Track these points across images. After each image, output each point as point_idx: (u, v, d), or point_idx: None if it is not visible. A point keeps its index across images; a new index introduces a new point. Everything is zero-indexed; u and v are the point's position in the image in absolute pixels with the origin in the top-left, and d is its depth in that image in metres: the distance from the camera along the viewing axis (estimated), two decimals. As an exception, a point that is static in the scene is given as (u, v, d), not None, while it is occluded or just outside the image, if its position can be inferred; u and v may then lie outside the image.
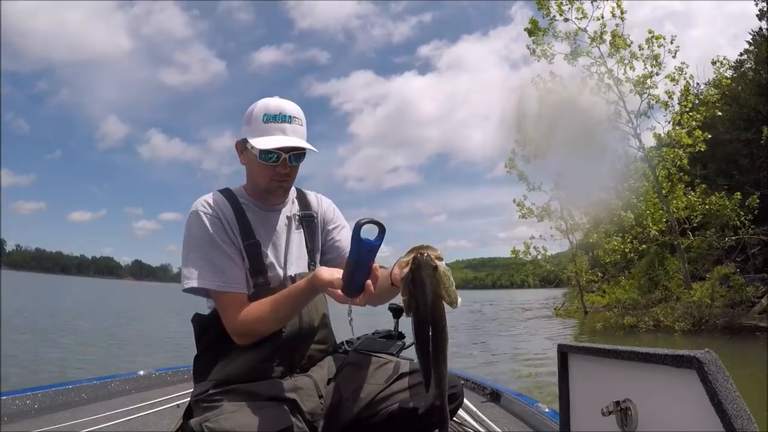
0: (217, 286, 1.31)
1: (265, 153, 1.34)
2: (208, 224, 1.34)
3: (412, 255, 1.08)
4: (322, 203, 1.62)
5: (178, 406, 2.40)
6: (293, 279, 1.42)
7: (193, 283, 1.31)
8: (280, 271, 1.43)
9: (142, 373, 2.93)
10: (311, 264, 1.52)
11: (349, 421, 1.36)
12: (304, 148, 1.38)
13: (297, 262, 1.48)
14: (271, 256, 1.42)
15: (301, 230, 1.53)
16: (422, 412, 1.14)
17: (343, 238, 1.58)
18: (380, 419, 1.34)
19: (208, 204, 1.38)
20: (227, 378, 1.33)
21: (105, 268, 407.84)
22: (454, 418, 2.20)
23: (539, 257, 22.07)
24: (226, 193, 1.44)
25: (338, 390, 1.42)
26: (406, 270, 1.08)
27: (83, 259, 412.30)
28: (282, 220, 1.49)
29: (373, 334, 2.14)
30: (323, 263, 1.56)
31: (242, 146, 1.42)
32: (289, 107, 1.38)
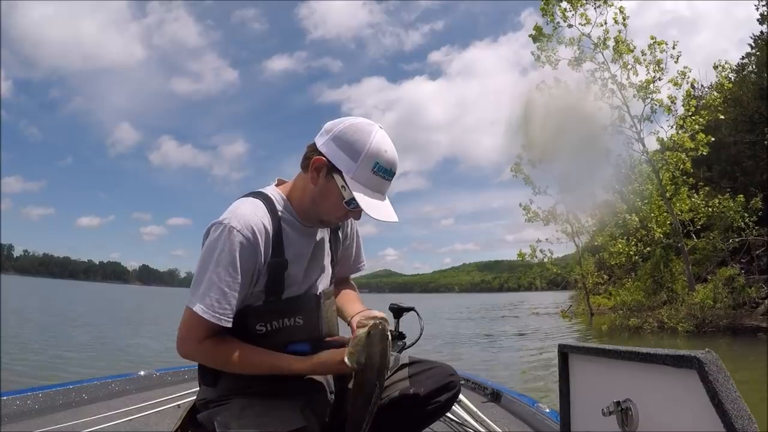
0: (202, 311, 1.20)
1: (353, 201, 1.24)
2: (237, 249, 1.22)
3: (371, 323, 1.23)
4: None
5: (179, 406, 2.39)
6: (318, 297, 1.39)
7: (195, 308, 1.22)
8: (303, 288, 1.36)
9: (143, 373, 2.92)
10: (332, 278, 1.50)
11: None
12: None
13: (324, 279, 1.43)
14: (298, 275, 1.34)
15: (330, 244, 1.48)
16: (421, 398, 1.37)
17: (346, 254, 1.58)
18: (382, 406, 1.34)
19: (249, 226, 1.24)
20: (238, 384, 1.30)
21: (112, 273, 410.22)
22: (455, 418, 2.19)
23: (545, 260, 22.05)
24: (267, 204, 1.31)
25: (345, 381, 1.42)
26: (362, 331, 1.22)
27: (91, 264, 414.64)
28: (317, 237, 1.42)
29: None
30: None
31: (328, 171, 1.27)
32: (397, 160, 1.29)
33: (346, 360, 1.19)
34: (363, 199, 1.23)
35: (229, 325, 1.23)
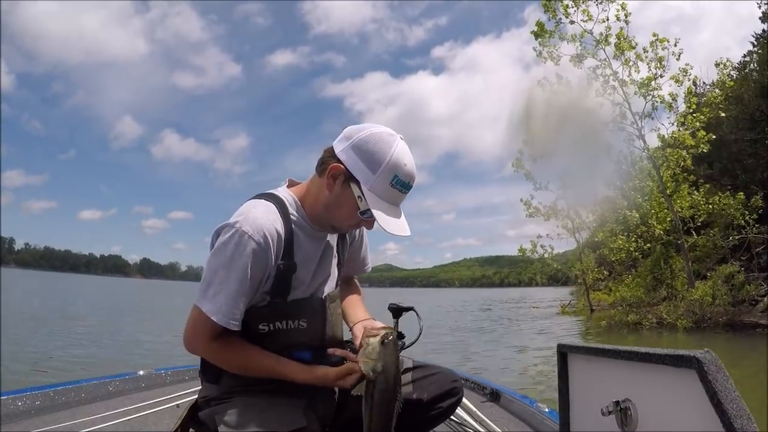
0: (211, 314, 1.20)
1: (368, 211, 1.24)
2: (249, 254, 1.19)
3: (383, 332, 1.23)
4: None
5: (178, 406, 2.39)
6: (323, 301, 1.38)
7: (204, 310, 1.21)
8: (309, 291, 1.35)
9: (142, 373, 2.91)
10: (338, 281, 1.49)
11: (357, 413, 1.35)
12: None
13: (330, 283, 1.42)
14: (305, 278, 1.33)
15: (337, 247, 1.47)
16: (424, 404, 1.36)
17: (353, 256, 1.56)
18: None
19: (261, 230, 1.21)
20: (241, 382, 1.30)
21: (113, 266, 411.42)
22: (454, 418, 2.19)
23: (546, 255, 22.09)
24: (279, 208, 1.29)
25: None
26: (375, 340, 1.21)
27: (92, 257, 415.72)
28: (325, 241, 1.40)
29: None
30: None
31: (345, 179, 1.25)
32: (415, 173, 1.27)
33: (361, 368, 1.20)
34: (379, 215, 1.22)
35: (237, 328, 1.23)
